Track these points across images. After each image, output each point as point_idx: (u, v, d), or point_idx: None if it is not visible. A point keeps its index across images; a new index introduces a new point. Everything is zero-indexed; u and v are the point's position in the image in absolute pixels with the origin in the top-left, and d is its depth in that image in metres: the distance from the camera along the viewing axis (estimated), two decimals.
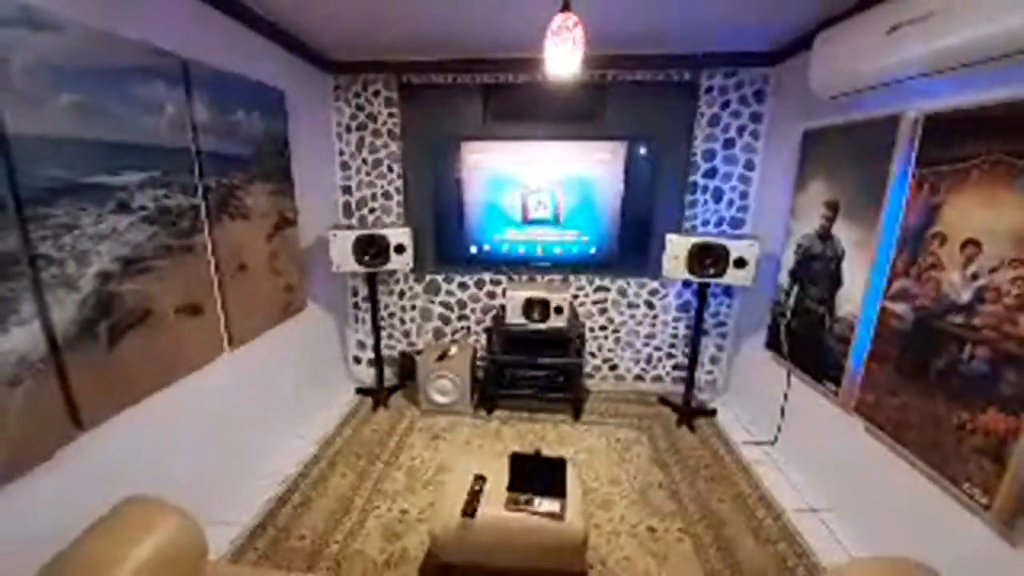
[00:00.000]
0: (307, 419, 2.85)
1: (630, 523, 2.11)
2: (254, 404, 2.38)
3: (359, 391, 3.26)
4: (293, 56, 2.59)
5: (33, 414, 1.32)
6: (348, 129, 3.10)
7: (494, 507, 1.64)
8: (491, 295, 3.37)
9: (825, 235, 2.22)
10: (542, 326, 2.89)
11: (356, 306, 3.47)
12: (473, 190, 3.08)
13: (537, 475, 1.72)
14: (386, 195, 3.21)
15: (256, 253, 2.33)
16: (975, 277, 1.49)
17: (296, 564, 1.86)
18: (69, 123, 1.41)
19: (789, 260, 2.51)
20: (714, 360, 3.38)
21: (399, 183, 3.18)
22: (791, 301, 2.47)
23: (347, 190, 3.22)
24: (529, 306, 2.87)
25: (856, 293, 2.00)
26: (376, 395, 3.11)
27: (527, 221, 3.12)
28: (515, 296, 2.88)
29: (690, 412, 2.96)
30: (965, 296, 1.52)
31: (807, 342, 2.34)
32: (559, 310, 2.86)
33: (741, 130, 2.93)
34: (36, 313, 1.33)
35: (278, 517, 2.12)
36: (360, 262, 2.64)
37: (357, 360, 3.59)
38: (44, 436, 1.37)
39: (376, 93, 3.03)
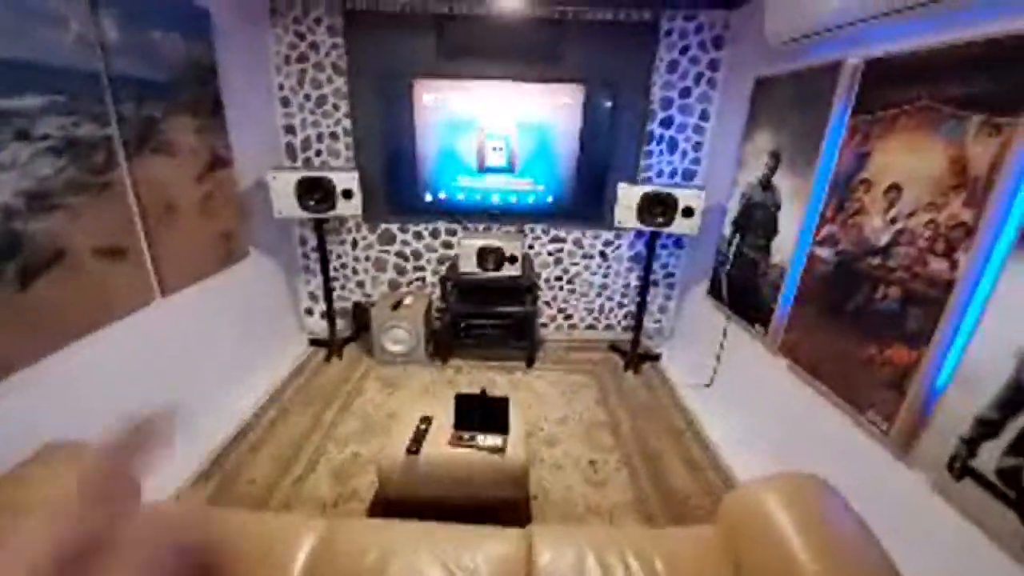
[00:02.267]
0: (257, 369, 2.80)
1: (573, 457, 2.24)
2: (196, 353, 2.30)
3: (312, 342, 3.21)
4: None
5: None
6: (287, 60, 2.85)
7: (438, 444, 1.69)
8: (447, 245, 3.32)
9: (767, 184, 2.28)
10: (496, 275, 2.89)
11: (306, 256, 3.35)
12: (427, 133, 2.95)
13: (481, 414, 1.77)
14: (333, 136, 3.03)
15: (186, 194, 2.17)
16: (894, 221, 1.58)
17: (244, 507, 1.88)
18: None
19: (733, 209, 2.58)
20: (662, 309, 3.51)
21: (347, 123, 3.00)
22: (732, 249, 2.57)
23: (290, 130, 3.01)
24: (483, 255, 2.85)
25: (789, 240, 2.10)
26: (329, 346, 3.07)
27: (483, 169, 3.04)
28: (468, 245, 2.85)
29: (636, 358, 3.10)
30: (883, 239, 1.62)
31: (743, 288, 2.46)
32: (513, 259, 2.86)
33: (699, 78, 2.91)
34: None
35: (226, 463, 2.11)
36: (304, 207, 2.51)
37: (310, 312, 3.51)
38: None
39: (318, 20, 2.78)
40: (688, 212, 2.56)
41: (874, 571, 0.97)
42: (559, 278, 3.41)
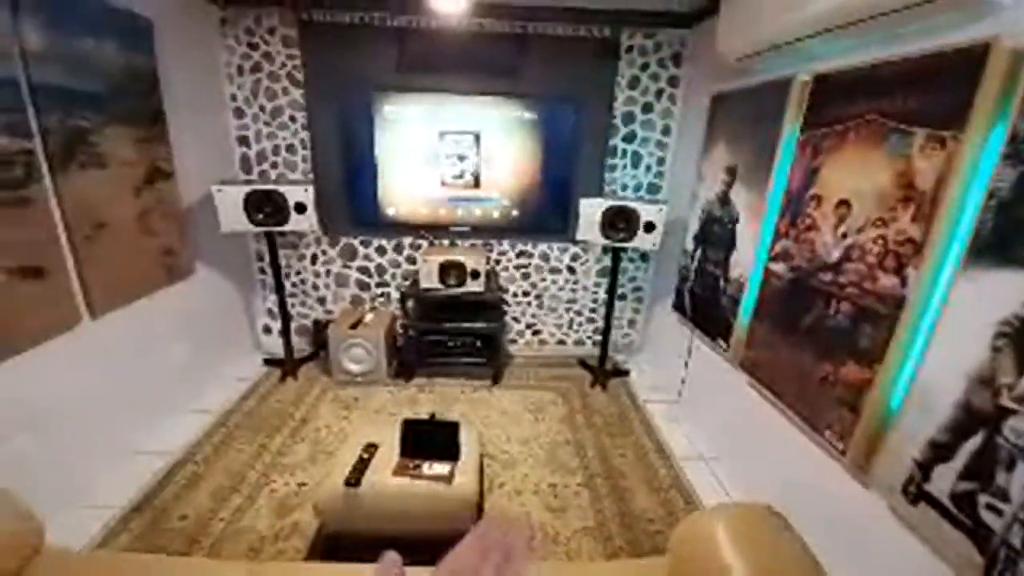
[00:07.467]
0: (205, 392, 2.64)
1: (533, 481, 2.15)
2: (134, 377, 2.16)
3: (267, 362, 3.07)
4: None
5: None
6: (240, 71, 2.76)
7: (381, 474, 1.58)
8: (412, 260, 3.23)
9: (724, 199, 2.27)
10: (459, 291, 2.81)
11: (262, 272, 3.22)
12: (388, 146, 2.87)
13: (430, 440, 1.68)
14: (290, 148, 2.93)
15: (120, 209, 2.05)
16: (844, 236, 1.56)
17: (172, 546, 1.73)
18: None
19: (694, 224, 2.56)
20: (632, 323, 3.47)
21: (304, 135, 2.91)
22: (694, 264, 2.54)
23: (244, 141, 2.90)
24: (444, 271, 2.77)
25: (746, 255, 2.08)
26: (284, 365, 2.93)
27: (446, 183, 2.97)
28: (430, 260, 2.77)
29: (604, 373, 3.04)
30: (835, 255, 1.60)
31: (705, 303, 2.43)
32: (476, 274, 2.78)
33: (659, 94, 2.91)
34: None
35: (159, 496, 1.96)
36: (253, 221, 2.40)
37: (268, 330, 3.36)
38: None
39: (271, 31, 2.70)
40: (649, 227, 2.53)
41: None
42: (527, 293, 3.35)
